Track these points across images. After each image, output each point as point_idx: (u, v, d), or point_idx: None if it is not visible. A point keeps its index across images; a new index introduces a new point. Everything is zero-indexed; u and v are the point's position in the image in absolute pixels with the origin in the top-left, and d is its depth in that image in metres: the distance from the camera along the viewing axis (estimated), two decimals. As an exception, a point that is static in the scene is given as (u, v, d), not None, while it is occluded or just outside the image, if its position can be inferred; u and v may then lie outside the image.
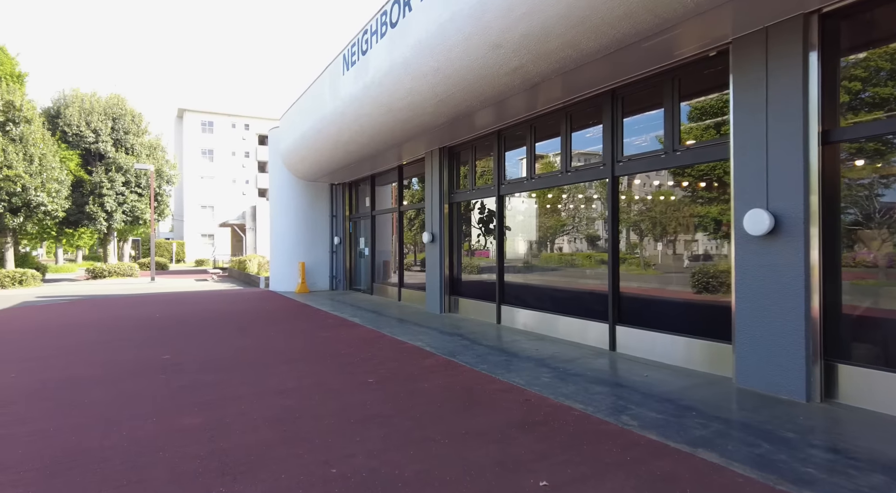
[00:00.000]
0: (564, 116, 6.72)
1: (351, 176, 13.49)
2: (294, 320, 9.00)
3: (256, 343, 6.82)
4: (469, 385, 4.63)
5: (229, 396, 4.39)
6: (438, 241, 9.31)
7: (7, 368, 5.55)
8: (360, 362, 5.58)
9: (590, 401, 4.13)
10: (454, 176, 9.36)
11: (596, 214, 6.69)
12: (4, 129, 18.16)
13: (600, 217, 6.56)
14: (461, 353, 5.99)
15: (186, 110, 49.70)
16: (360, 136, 9.06)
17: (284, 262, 14.67)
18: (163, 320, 9.05)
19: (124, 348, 6.59)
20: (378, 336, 7.20)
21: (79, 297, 14.32)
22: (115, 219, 22.79)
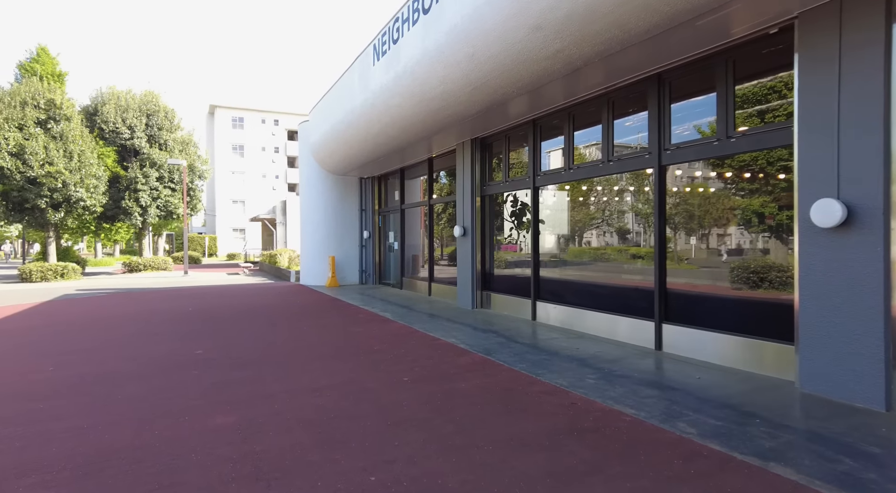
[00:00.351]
0: (606, 102, 6.39)
1: (380, 170, 13.37)
2: (325, 314, 8.91)
3: (288, 338, 6.74)
4: (509, 386, 4.41)
5: (261, 394, 4.27)
6: (470, 235, 9.08)
7: (47, 361, 5.57)
8: (394, 360, 5.41)
9: (641, 406, 3.85)
10: (486, 168, 9.10)
11: (631, 206, 6.35)
12: (46, 126, 18.68)
13: (637, 210, 6.22)
14: (497, 351, 5.76)
15: (217, 107, 50.56)
16: (390, 128, 8.88)
17: (314, 256, 14.67)
18: (195, 314, 9.09)
19: (158, 342, 6.59)
20: (410, 332, 7.03)
21: (116, 290, 14.62)
22: (150, 214, 23.28)
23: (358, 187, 14.86)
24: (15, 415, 3.80)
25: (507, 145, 8.47)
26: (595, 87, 6.23)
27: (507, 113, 7.44)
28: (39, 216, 18.54)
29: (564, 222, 7.69)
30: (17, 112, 17.87)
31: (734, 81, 4.91)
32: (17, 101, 18.12)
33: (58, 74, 22.12)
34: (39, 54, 21.97)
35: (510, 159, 8.50)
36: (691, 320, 5.43)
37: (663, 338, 5.66)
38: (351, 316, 8.64)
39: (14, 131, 17.55)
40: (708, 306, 5.35)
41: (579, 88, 6.29)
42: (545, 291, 7.64)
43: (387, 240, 14.27)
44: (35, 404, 4.08)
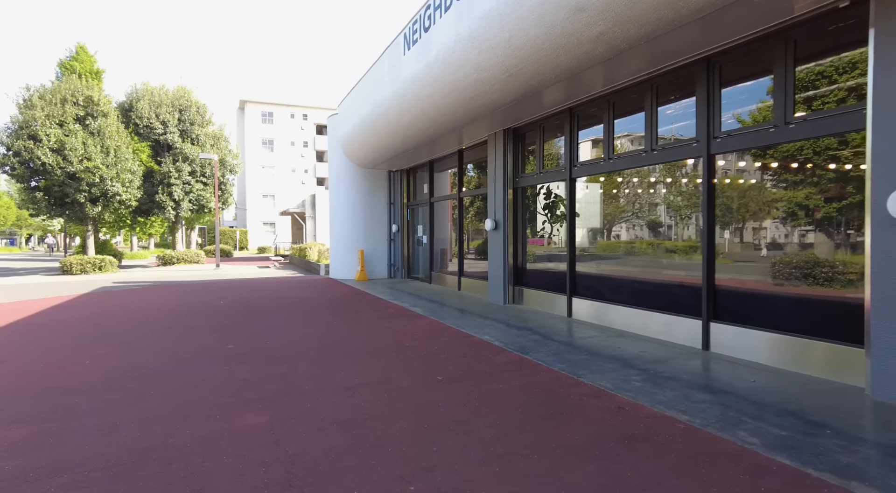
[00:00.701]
0: (650, 88, 6.05)
1: (409, 162, 13.21)
2: (355, 308, 8.83)
3: (319, 333, 6.65)
4: (550, 387, 4.19)
5: (294, 391, 4.16)
6: (502, 228, 8.84)
7: (83, 354, 5.61)
8: (427, 357, 5.25)
9: (694, 411, 3.58)
10: (519, 159, 8.83)
11: (664, 198, 6.00)
12: (84, 122, 19.15)
13: (669, 202, 5.88)
14: (534, 349, 5.54)
15: (248, 102, 51.27)
16: (420, 119, 8.69)
17: (344, 249, 14.65)
18: (227, 308, 9.12)
19: (190, 335, 6.58)
20: (442, 328, 6.86)
21: (150, 283, 14.90)
22: (183, 207, 23.73)
23: (387, 181, 14.75)
24: (52, 410, 3.78)
25: (542, 135, 8.18)
26: (638, 72, 5.91)
27: (542, 102, 7.17)
28: (79, 210, 19.07)
29: (596, 215, 7.39)
30: (57, 109, 18.35)
31: (794, 62, 4.54)
32: (57, 98, 18.61)
33: (95, 72, 22.65)
34: (78, 52, 22.52)
35: (544, 150, 8.21)
36: (742, 319, 5.10)
37: (711, 338, 5.35)
38: (381, 311, 8.52)
39: (55, 128, 18.03)
40: (760, 304, 5.01)
41: (621, 74, 5.97)
42: (581, 286, 7.36)
43: (415, 234, 14.13)
44: (71, 398, 4.06)
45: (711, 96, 5.30)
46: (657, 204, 6.41)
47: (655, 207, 6.42)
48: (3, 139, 17.91)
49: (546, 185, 8.28)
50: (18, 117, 18.04)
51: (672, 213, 6.21)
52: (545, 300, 8.11)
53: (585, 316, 7.17)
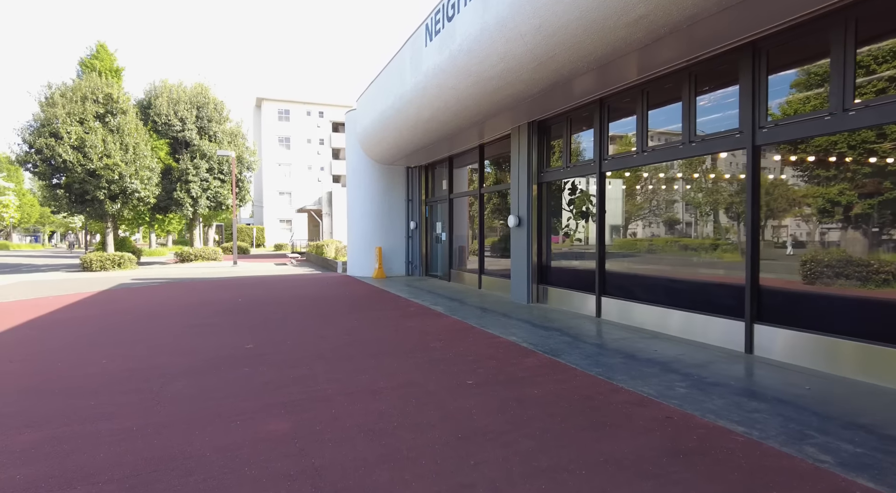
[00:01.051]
0: (687, 77, 5.72)
1: (428, 158, 12.98)
2: (375, 307, 8.62)
3: (340, 332, 6.45)
4: (588, 394, 3.92)
5: (317, 395, 3.95)
6: (526, 225, 8.56)
7: (99, 353, 5.47)
8: (454, 359, 5.01)
9: (750, 422, 3.29)
10: (544, 153, 8.54)
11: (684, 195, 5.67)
12: (104, 120, 19.25)
13: (689, 198, 5.55)
14: (565, 352, 5.27)
15: (264, 99, 51.49)
16: (442, 112, 8.44)
17: (361, 247, 14.49)
18: (245, 305, 8.98)
19: (208, 334, 6.43)
20: (466, 328, 6.62)
21: (168, 280, 14.90)
22: (200, 204, 23.80)
23: (405, 177, 14.54)
24: (66, 413, 3.61)
25: (569, 128, 7.88)
26: (676, 59, 5.59)
27: (570, 92, 6.87)
28: (98, 207, 19.18)
29: (618, 212, 7.09)
30: (78, 107, 18.47)
31: (855, 44, 4.19)
32: (78, 96, 18.72)
33: (115, 70, 22.79)
34: (99, 51, 22.68)
35: (571, 143, 7.91)
36: (789, 321, 4.77)
37: (755, 340, 5.02)
38: (402, 309, 8.31)
39: (76, 125, 18.14)
40: (810, 305, 4.68)
41: (658, 61, 5.65)
42: (611, 285, 7.06)
43: (433, 231, 13.90)
44: (86, 400, 3.90)
45: (757, 83, 4.96)
46: (684, 200, 6.09)
47: (683, 204, 6.10)
48: (26, 137, 18.07)
49: (571, 180, 7.98)
50: (40, 115, 18.19)
51: (703, 209, 5.88)
52: (571, 299, 7.82)
53: (616, 316, 6.87)
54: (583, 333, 6.21)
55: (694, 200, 6.02)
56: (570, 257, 8.23)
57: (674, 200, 6.32)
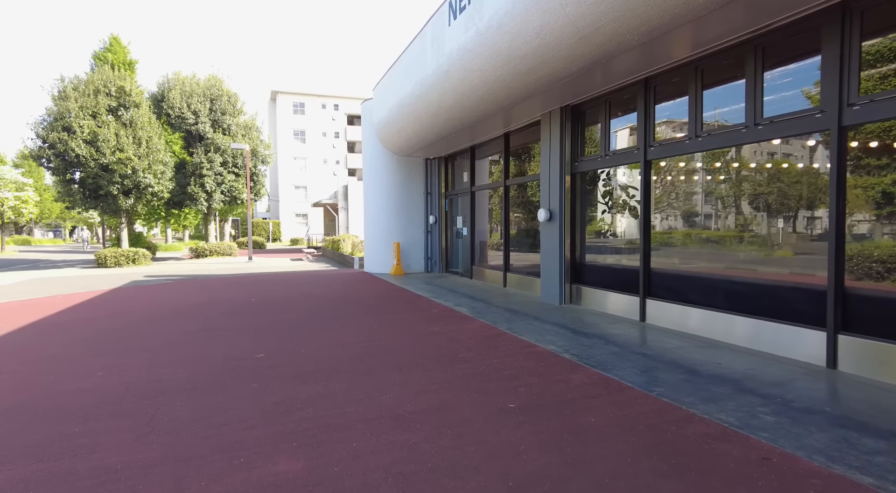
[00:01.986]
0: (752, 50, 4.99)
1: (448, 149, 12.33)
2: (395, 308, 8.05)
3: (358, 338, 5.88)
4: (656, 423, 3.28)
5: (334, 422, 3.37)
6: (558, 219, 7.89)
7: (96, 363, 4.98)
8: (489, 374, 4.40)
9: (879, 472, 2.62)
10: (578, 141, 7.84)
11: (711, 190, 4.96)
12: (117, 113, 18.94)
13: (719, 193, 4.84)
14: (615, 365, 4.62)
15: (279, 92, 51.20)
16: (467, 97, 7.79)
17: (378, 242, 13.93)
18: (258, 306, 8.48)
19: (217, 340, 5.91)
20: (496, 334, 6.00)
21: (180, 277, 14.52)
22: (215, 199, 23.43)
23: (423, 169, 13.92)
24: (43, 444, 3.08)
25: (607, 112, 7.17)
26: (742, 29, 4.87)
27: (610, 72, 6.18)
28: (112, 203, 18.92)
29: (665, 203, 6.40)
30: (90, 100, 18.16)
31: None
32: (90, 89, 18.42)
33: (128, 63, 22.48)
34: (112, 44, 22.38)
35: (610, 129, 7.20)
36: (881, 331, 4.06)
37: (839, 353, 4.32)
38: (423, 311, 7.71)
39: (88, 119, 17.85)
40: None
41: (720, 32, 4.94)
42: (658, 286, 6.37)
43: (454, 225, 13.28)
44: (71, 426, 3.37)
45: (846, 54, 4.23)
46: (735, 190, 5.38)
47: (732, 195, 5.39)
48: (39, 131, 17.82)
49: (607, 170, 7.29)
50: (53, 109, 17.92)
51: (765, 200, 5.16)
52: (610, 301, 7.15)
53: (663, 321, 6.19)
54: (629, 341, 5.55)
55: (747, 190, 5.30)
56: (606, 253, 7.55)
57: (722, 190, 5.60)
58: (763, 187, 5.24)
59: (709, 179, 5.89)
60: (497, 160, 11.20)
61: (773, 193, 5.14)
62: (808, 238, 4.82)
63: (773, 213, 5.15)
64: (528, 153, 9.78)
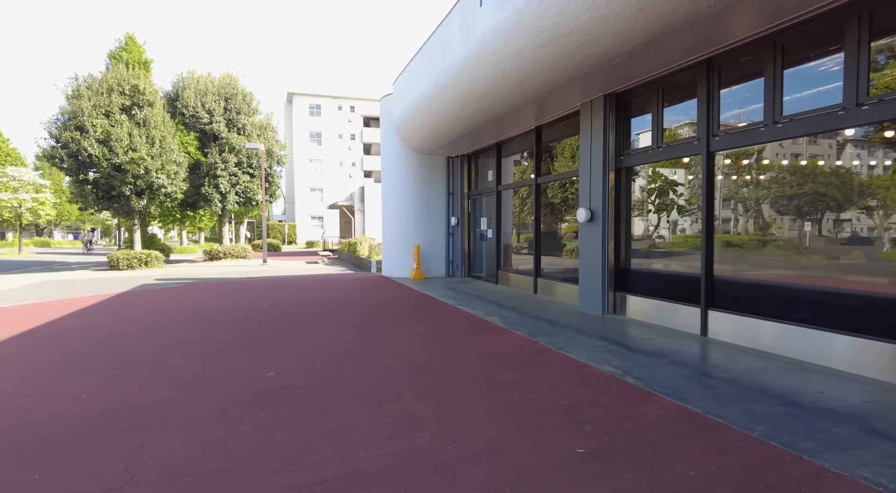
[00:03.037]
0: (856, 15, 4.19)
1: (472, 146, 11.61)
2: (419, 317, 7.33)
3: (381, 353, 5.17)
4: (776, 481, 2.49)
5: (358, 471, 2.65)
6: (600, 219, 7.11)
7: (85, 382, 4.33)
8: (542, 404, 3.64)
9: None
10: (623, 133, 7.06)
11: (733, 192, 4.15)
12: (130, 112, 18.56)
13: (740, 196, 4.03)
14: (692, 392, 3.84)
15: (295, 94, 51.03)
16: (499, 85, 7.06)
17: (397, 245, 13.25)
18: (270, 313, 7.82)
19: (223, 354, 5.24)
20: (538, 350, 5.24)
21: (192, 280, 13.99)
22: (229, 200, 22.95)
23: (445, 168, 13.21)
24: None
25: (660, 99, 6.38)
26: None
27: (669, 52, 5.41)
28: (125, 204, 18.53)
29: (694, 203, 5.61)
30: (104, 99, 17.81)
31: None
32: (104, 88, 18.07)
33: (143, 62, 22.20)
34: (127, 43, 22.12)
35: (663, 119, 6.41)
36: None
37: (976, 383, 3.49)
38: (451, 320, 6.98)
39: (101, 118, 17.48)
40: None
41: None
42: (723, 296, 5.56)
43: (477, 227, 12.54)
44: (33, 469, 2.71)
45: None
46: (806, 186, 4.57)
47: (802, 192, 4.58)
48: (52, 131, 17.49)
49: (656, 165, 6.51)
50: (66, 108, 17.59)
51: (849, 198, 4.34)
52: (662, 312, 6.35)
53: (730, 336, 5.37)
54: (696, 360, 4.76)
55: (824, 187, 4.50)
56: (655, 258, 6.75)
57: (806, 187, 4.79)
58: (866, 184, 4.42)
59: (786, 175, 5.07)
60: (524, 158, 10.46)
61: (877, 188, 4.31)
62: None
63: (876, 213, 4.32)
64: (561, 149, 9.01)
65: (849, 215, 4.51)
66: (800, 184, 4.90)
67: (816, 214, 4.78)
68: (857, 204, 4.43)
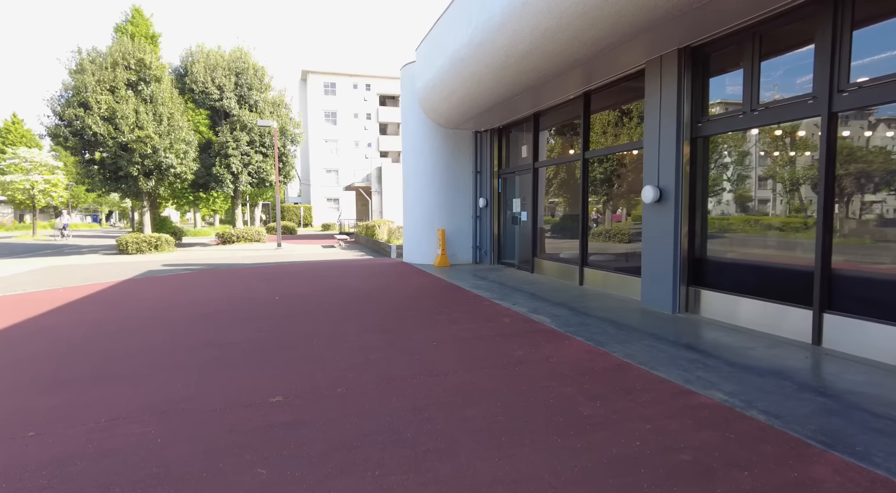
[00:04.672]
0: None
1: (504, 118, 10.41)
2: (453, 313, 6.28)
3: (415, 368, 4.13)
4: None
5: None
6: (672, 199, 5.94)
7: (40, 408, 3.37)
8: (656, 461, 2.57)
9: None
10: (701, 95, 5.84)
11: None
12: (136, 88, 17.61)
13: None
14: (862, 440, 2.73)
15: (310, 72, 49.86)
16: (550, 37, 5.86)
17: (419, 228, 12.17)
18: (282, 307, 6.85)
19: (221, 363, 4.25)
20: (616, 366, 4.16)
21: (202, 266, 13.13)
22: (241, 181, 21.98)
23: (473, 144, 12.03)
24: None
25: (757, 50, 5.14)
26: None
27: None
28: (133, 185, 17.70)
29: (746, 182, 4.40)
30: (108, 74, 16.86)
31: None
32: (108, 62, 17.11)
33: (151, 36, 21.21)
34: (134, 16, 21.11)
35: (760, 74, 5.17)
36: None
37: None
38: (492, 319, 5.92)
39: (106, 94, 16.56)
40: None
41: None
42: (845, 295, 4.40)
43: (508, 209, 11.40)
44: None
45: None
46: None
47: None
48: (55, 108, 16.63)
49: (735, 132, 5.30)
50: (70, 83, 16.69)
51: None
52: (752, 312, 5.20)
53: (855, 347, 4.22)
54: (834, 384, 3.63)
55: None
56: (740, 246, 5.59)
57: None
58: None
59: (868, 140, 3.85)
60: (566, 130, 9.26)
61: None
62: None
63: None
64: (615, 118, 7.79)
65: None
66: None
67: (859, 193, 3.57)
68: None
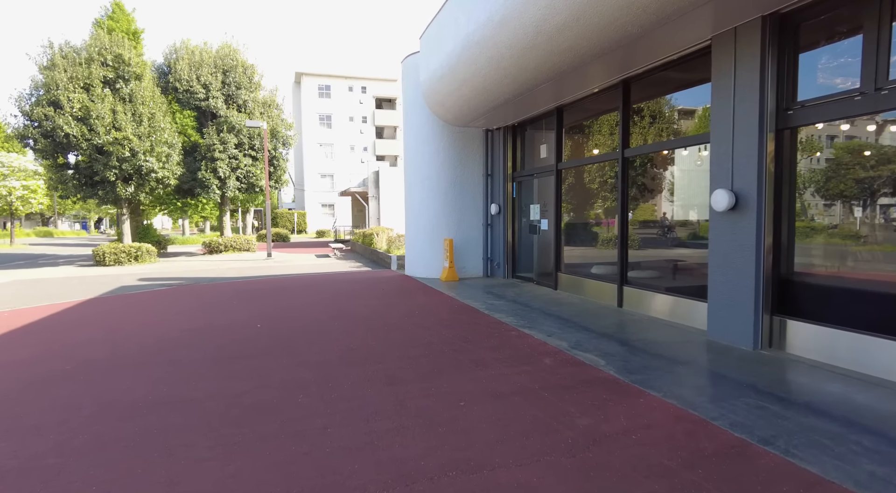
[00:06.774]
0: None
1: (519, 114, 9.20)
2: (476, 353, 5.01)
3: (441, 456, 2.86)
4: None
5: None
6: (753, 206, 4.72)
7: None
8: None
9: None
10: (789, 76, 4.63)
11: None
12: (114, 86, 16.31)
13: None
14: None
15: (304, 74, 48.66)
16: (594, 7, 4.64)
17: (423, 237, 10.93)
18: (263, 340, 5.57)
19: (162, 452, 2.96)
20: (733, 449, 2.91)
21: (181, 280, 11.82)
22: (229, 186, 20.61)
23: (483, 143, 10.81)
24: None
25: (881, 12, 3.93)
26: None
27: None
28: (110, 191, 16.37)
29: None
30: (82, 70, 15.56)
31: None
32: (82, 57, 15.81)
33: (133, 32, 19.94)
34: (114, 10, 19.83)
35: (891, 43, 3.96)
36: None
37: None
38: (527, 360, 4.66)
39: (80, 92, 15.25)
40: None
41: None
42: None
43: (524, 217, 10.17)
44: None
45: None
46: None
47: None
48: (23, 107, 15.30)
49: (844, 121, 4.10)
50: (40, 80, 15.37)
51: None
52: (868, 353, 3.97)
53: None
54: None
55: None
56: (844, 263, 4.37)
57: None
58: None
59: None
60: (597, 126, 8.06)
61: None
62: None
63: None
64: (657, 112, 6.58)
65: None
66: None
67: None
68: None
